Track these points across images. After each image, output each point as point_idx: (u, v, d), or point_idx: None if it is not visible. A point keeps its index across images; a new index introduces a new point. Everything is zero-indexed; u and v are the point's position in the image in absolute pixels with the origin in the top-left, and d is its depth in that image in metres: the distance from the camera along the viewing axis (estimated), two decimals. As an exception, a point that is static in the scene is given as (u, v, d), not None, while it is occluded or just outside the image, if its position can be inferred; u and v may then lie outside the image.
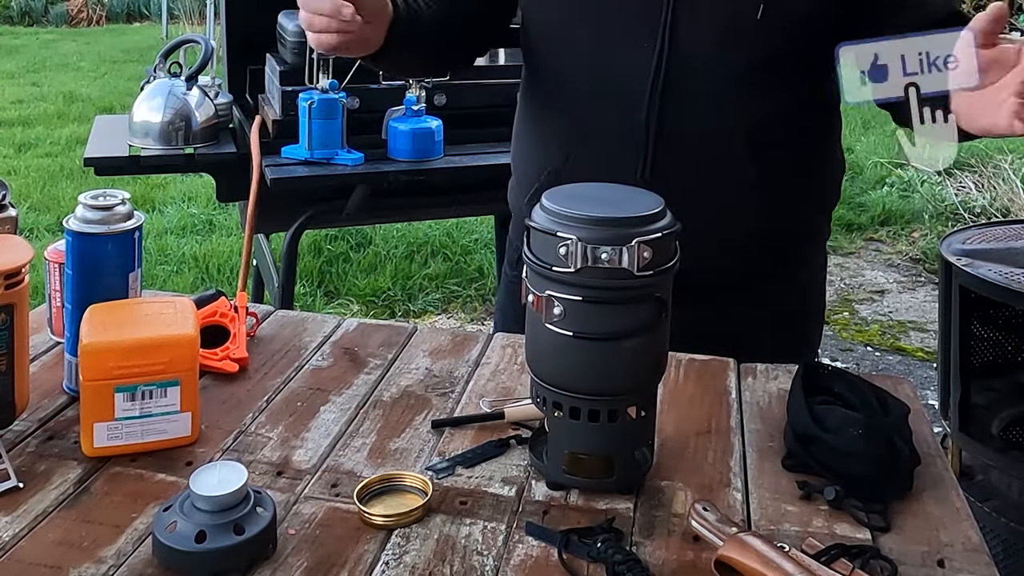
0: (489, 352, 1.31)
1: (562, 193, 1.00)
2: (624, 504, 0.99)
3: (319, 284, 4.28)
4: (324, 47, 1.19)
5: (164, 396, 1.04)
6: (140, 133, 2.53)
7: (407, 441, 1.09)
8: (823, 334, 1.69)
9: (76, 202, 1.13)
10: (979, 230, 2.42)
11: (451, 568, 0.88)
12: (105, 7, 13.53)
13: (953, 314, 2.22)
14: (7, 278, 1.00)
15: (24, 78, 9.02)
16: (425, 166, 2.44)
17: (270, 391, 1.20)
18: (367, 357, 1.29)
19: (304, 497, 0.99)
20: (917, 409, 1.15)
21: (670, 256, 0.97)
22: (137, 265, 1.16)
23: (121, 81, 8.73)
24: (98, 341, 1.02)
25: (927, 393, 3.36)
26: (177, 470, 1.02)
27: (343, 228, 4.45)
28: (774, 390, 1.22)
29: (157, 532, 0.87)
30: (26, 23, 13.01)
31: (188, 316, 1.08)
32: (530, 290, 0.98)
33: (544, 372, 1.00)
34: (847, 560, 0.88)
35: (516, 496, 1.00)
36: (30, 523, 0.93)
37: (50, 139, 6.73)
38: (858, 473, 0.99)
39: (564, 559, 0.89)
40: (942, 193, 5.42)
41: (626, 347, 0.96)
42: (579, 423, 0.98)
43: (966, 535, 0.95)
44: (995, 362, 2.34)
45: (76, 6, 13.33)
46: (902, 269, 4.72)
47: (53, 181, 5.76)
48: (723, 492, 1.01)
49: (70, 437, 1.08)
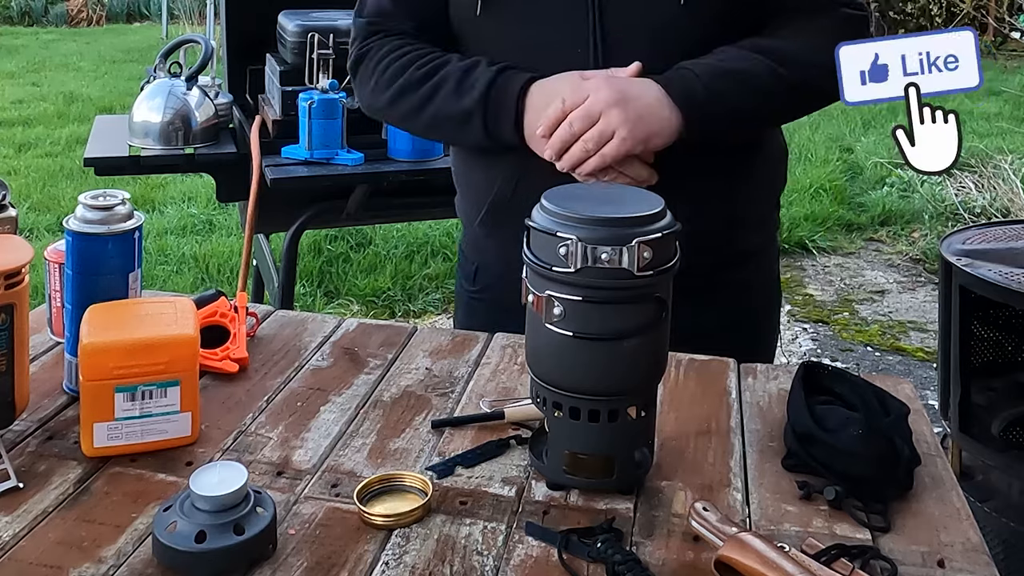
0: (489, 352, 1.31)
1: (562, 193, 1.00)
2: (624, 504, 0.99)
3: (319, 284, 4.28)
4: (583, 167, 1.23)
5: (164, 396, 1.04)
6: (140, 133, 2.54)
7: (407, 441, 1.09)
8: (822, 334, 1.68)
9: (76, 202, 1.13)
10: (979, 230, 2.42)
11: (451, 568, 0.88)
12: (105, 7, 13.53)
13: (953, 314, 2.22)
14: (7, 278, 1.00)
15: (24, 78, 9.03)
16: (425, 166, 2.45)
17: (270, 391, 1.20)
18: (367, 357, 1.29)
19: (304, 497, 0.99)
20: (917, 409, 1.15)
21: (670, 256, 0.97)
22: (137, 265, 1.16)
23: (121, 81, 8.74)
24: (98, 341, 1.02)
25: (927, 393, 3.36)
26: (177, 470, 1.02)
27: (343, 228, 4.45)
28: (774, 390, 1.22)
29: (157, 532, 0.87)
30: (26, 23, 13.01)
31: (188, 316, 1.08)
32: (530, 290, 0.98)
33: (544, 372, 1.00)
34: (847, 560, 0.88)
35: (516, 496, 1.00)
36: (30, 523, 0.93)
37: (50, 139, 6.73)
38: (858, 473, 0.99)
39: (564, 559, 0.89)
40: (942, 193, 5.42)
41: (626, 347, 0.96)
42: (579, 423, 0.98)
43: (966, 535, 0.95)
44: (995, 362, 2.34)
45: (76, 6, 13.33)
46: (902, 269, 4.72)
47: (53, 181, 5.76)
48: (723, 492, 1.01)
49: (70, 437, 1.08)
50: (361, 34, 1.44)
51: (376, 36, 1.42)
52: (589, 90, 1.21)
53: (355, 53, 1.44)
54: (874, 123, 7.07)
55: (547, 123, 1.23)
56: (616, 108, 1.19)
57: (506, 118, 1.27)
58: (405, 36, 1.40)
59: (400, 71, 1.36)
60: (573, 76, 1.25)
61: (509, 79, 1.28)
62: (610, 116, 1.19)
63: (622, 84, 1.22)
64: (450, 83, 1.31)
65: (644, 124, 1.20)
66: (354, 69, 1.44)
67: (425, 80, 1.33)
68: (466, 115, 1.30)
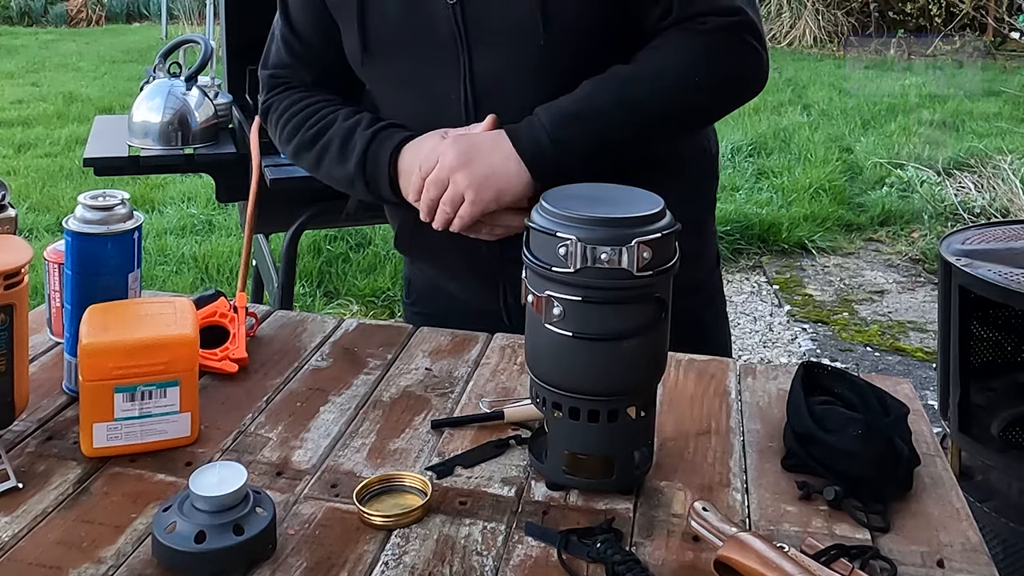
0: (489, 352, 1.31)
1: (561, 193, 1.00)
2: (624, 504, 0.99)
3: (319, 284, 4.28)
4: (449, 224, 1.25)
5: (164, 396, 1.04)
6: (140, 133, 2.54)
7: (407, 441, 1.10)
8: (821, 334, 1.68)
9: (75, 202, 1.13)
10: (979, 230, 2.42)
11: (451, 568, 0.88)
12: (104, 7, 13.54)
13: (953, 314, 2.22)
14: (7, 278, 1.00)
15: (24, 78, 9.03)
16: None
17: (270, 391, 1.20)
18: (367, 357, 1.29)
19: (304, 497, 0.99)
20: (917, 409, 1.15)
21: (670, 256, 0.97)
22: (137, 265, 1.16)
23: (121, 81, 8.74)
24: (98, 341, 1.02)
25: (927, 393, 3.36)
26: (177, 470, 1.02)
27: (343, 228, 4.46)
28: (774, 390, 1.22)
29: (157, 532, 0.87)
30: (26, 23, 13.02)
31: (187, 316, 1.08)
32: (530, 290, 0.98)
33: (543, 372, 1.00)
34: (847, 560, 0.88)
35: (516, 496, 1.00)
36: (29, 523, 0.93)
37: (50, 139, 6.73)
38: (858, 473, 0.99)
39: (564, 559, 0.89)
40: (942, 193, 5.42)
41: (626, 347, 0.96)
42: (579, 423, 0.98)
43: (965, 535, 0.95)
44: (995, 362, 2.34)
45: (76, 6, 13.34)
46: (902, 269, 4.72)
47: (53, 181, 5.76)
48: (723, 492, 1.01)
49: (69, 437, 1.08)
50: (266, 87, 1.49)
51: (278, 89, 1.46)
52: (440, 154, 1.23)
53: (262, 106, 1.49)
54: (874, 123, 7.08)
55: (412, 190, 1.26)
56: (461, 172, 1.21)
57: (383, 183, 1.30)
58: (305, 88, 1.45)
59: (294, 131, 1.41)
60: (434, 136, 1.27)
61: (381, 144, 1.30)
62: (456, 180, 1.21)
63: (470, 144, 1.23)
64: (333, 148, 1.35)
65: (491, 183, 1.21)
66: (263, 119, 1.50)
67: (314, 142, 1.38)
68: (350, 179, 1.34)
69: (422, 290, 1.56)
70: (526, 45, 1.25)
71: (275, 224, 2.71)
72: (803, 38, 10.81)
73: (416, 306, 1.58)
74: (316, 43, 1.42)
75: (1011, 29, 10.39)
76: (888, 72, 9.22)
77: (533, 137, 1.22)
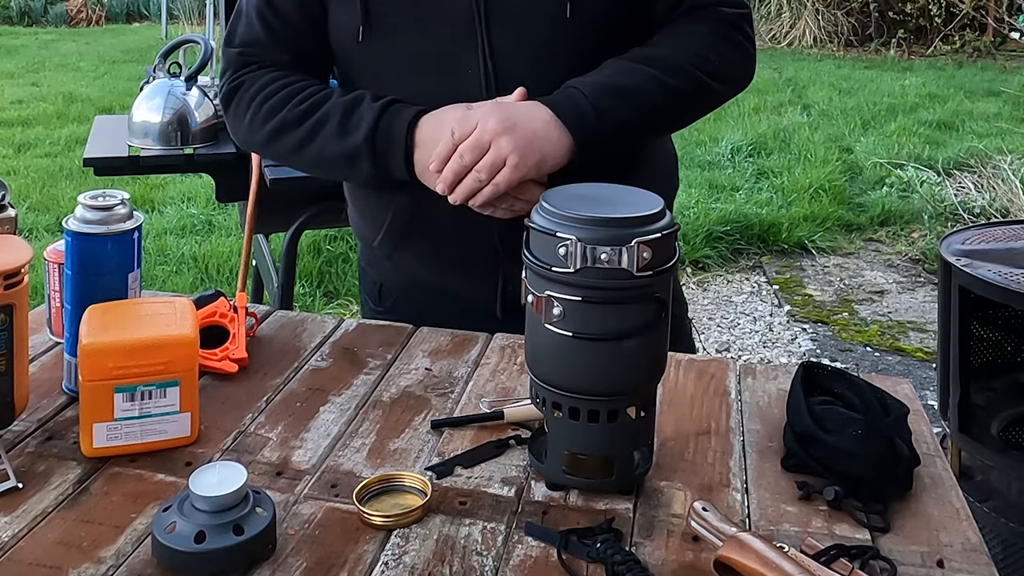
0: (488, 352, 1.31)
1: (562, 193, 1.00)
2: (624, 504, 0.99)
3: (318, 284, 4.28)
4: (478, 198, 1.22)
5: (163, 396, 1.04)
6: (139, 133, 2.54)
7: (406, 441, 1.09)
8: (821, 334, 1.68)
9: (75, 202, 1.13)
10: (979, 230, 2.42)
11: (451, 568, 0.88)
12: (104, 7, 13.54)
13: (953, 314, 2.22)
14: (7, 278, 1.00)
15: (24, 78, 9.03)
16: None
17: (270, 391, 1.20)
18: (366, 357, 1.29)
19: (303, 497, 0.99)
20: (916, 409, 1.15)
21: (670, 256, 0.97)
22: (136, 265, 1.16)
23: (121, 81, 8.74)
24: (97, 341, 1.02)
25: (927, 393, 3.36)
26: (176, 470, 1.02)
27: (343, 228, 4.44)
28: (774, 390, 1.22)
29: (156, 532, 0.87)
30: (26, 23, 13.02)
31: (187, 316, 1.08)
32: (529, 290, 0.98)
33: (543, 372, 1.00)
34: (847, 560, 0.88)
35: (515, 496, 1.00)
36: (29, 523, 0.93)
37: (50, 139, 6.73)
38: (858, 473, 0.99)
39: (564, 559, 0.89)
40: (941, 193, 5.42)
41: (626, 347, 0.96)
42: (579, 423, 0.98)
43: (965, 535, 0.95)
44: (995, 362, 2.34)
45: (76, 6, 13.34)
46: (901, 269, 4.72)
47: (52, 181, 5.76)
48: (723, 492, 1.01)
49: (69, 437, 1.08)
50: (233, 65, 1.39)
51: (249, 68, 1.37)
52: (477, 120, 1.19)
53: (227, 85, 1.39)
54: (874, 123, 7.08)
55: (438, 158, 1.21)
56: (506, 136, 1.18)
57: (395, 155, 1.25)
58: (281, 67, 1.36)
59: (277, 107, 1.32)
60: (460, 107, 1.23)
61: (396, 115, 1.25)
62: (500, 144, 1.18)
63: (510, 111, 1.21)
64: (333, 121, 1.28)
65: (535, 149, 1.19)
66: (226, 102, 1.39)
67: (305, 117, 1.30)
68: (352, 154, 1.27)
69: (401, 291, 1.49)
70: (550, 21, 1.25)
71: (275, 224, 2.71)
72: (803, 38, 10.82)
73: (391, 314, 1.49)
74: (297, 20, 1.34)
75: (1011, 29, 10.39)
76: (888, 72, 9.23)
77: (574, 104, 1.22)
